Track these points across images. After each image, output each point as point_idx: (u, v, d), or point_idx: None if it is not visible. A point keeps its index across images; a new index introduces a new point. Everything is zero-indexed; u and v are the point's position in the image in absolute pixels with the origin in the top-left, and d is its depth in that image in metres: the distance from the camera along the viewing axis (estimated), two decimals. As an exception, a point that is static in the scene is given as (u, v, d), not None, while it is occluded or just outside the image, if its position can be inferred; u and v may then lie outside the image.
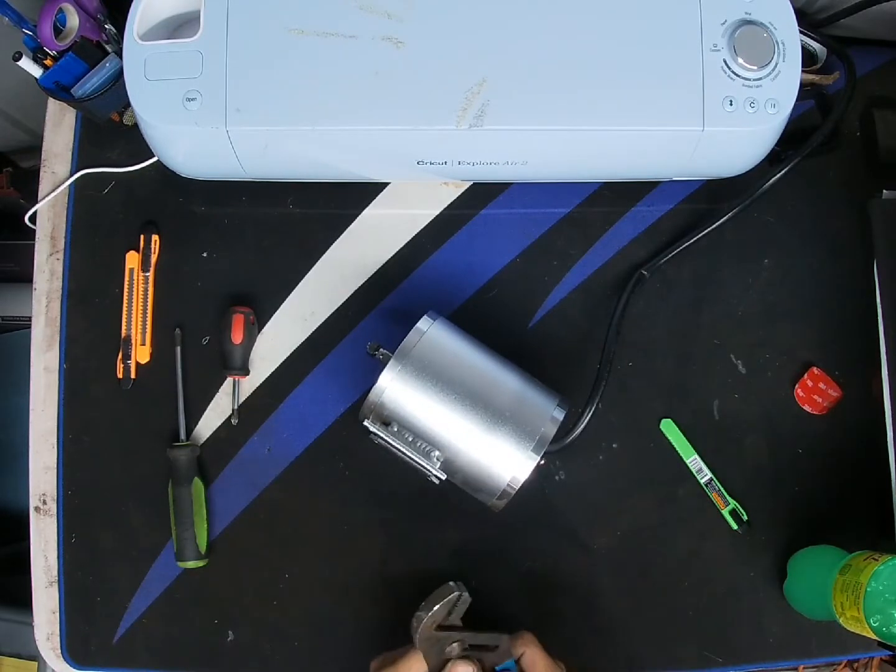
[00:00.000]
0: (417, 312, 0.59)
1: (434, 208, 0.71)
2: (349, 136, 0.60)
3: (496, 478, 0.56)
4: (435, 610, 0.54)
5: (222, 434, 0.67)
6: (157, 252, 0.69)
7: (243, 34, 0.59)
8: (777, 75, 0.60)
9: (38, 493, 0.67)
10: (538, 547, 0.66)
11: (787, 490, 0.67)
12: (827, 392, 0.68)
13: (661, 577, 0.66)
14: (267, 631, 0.65)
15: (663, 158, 0.64)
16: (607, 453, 0.67)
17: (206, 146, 0.61)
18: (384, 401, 0.56)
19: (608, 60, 0.59)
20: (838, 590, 0.57)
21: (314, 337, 0.69)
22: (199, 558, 0.64)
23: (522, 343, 0.68)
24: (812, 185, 0.71)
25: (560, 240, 0.70)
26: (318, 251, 0.70)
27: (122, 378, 0.67)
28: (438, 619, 0.54)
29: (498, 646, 0.55)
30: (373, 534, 0.66)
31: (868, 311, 0.68)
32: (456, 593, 0.54)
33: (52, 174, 0.71)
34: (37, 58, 0.63)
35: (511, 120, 0.59)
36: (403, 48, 0.59)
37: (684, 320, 0.69)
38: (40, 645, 0.66)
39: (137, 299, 0.68)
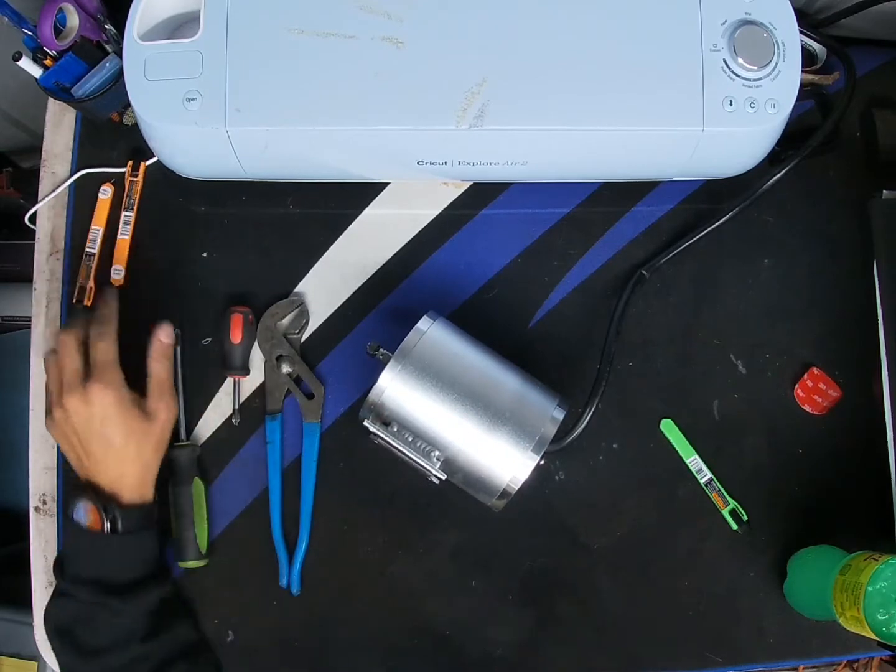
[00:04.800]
0: (417, 312, 0.59)
1: (434, 208, 0.71)
2: (349, 136, 0.60)
3: (496, 478, 0.56)
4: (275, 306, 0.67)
5: (222, 434, 0.67)
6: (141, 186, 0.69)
7: (243, 34, 0.59)
8: (777, 75, 0.60)
9: (38, 493, 0.67)
10: (538, 547, 0.66)
11: (787, 490, 0.67)
12: (827, 392, 0.68)
13: (661, 577, 0.66)
14: (267, 631, 0.65)
15: (663, 158, 0.64)
16: (607, 453, 0.67)
17: (206, 146, 0.61)
18: (384, 401, 0.56)
19: (608, 60, 0.59)
20: (838, 590, 0.57)
21: (314, 337, 0.69)
22: (199, 558, 0.64)
23: (522, 343, 0.68)
24: (812, 185, 0.71)
25: (560, 240, 0.70)
26: (318, 251, 0.70)
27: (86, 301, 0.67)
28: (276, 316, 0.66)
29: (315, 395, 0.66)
30: (373, 534, 0.66)
31: (868, 311, 0.68)
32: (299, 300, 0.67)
33: (52, 174, 0.71)
34: (37, 58, 0.63)
35: (511, 120, 0.59)
36: (403, 48, 0.59)
37: (684, 320, 0.69)
38: (40, 645, 0.66)
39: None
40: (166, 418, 0.60)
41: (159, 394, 0.60)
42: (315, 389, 0.67)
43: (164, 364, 0.61)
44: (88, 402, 0.56)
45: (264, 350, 0.67)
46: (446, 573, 0.66)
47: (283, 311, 0.67)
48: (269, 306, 0.68)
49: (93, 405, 0.56)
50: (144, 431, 0.58)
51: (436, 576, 0.66)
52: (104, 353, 0.58)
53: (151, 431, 0.59)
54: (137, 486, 0.58)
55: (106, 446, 0.57)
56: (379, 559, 0.66)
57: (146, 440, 0.59)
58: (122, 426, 0.57)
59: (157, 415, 0.59)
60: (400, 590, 0.65)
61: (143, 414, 0.59)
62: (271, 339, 0.67)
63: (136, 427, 0.58)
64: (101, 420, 0.56)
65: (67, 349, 0.58)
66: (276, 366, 0.66)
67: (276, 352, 0.67)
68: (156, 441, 0.59)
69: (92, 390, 0.56)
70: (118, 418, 0.57)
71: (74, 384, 0.57)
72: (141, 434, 0.58)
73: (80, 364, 0.58)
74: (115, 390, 0.57)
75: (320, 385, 0.67)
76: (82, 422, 0.56)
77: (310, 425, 0.66)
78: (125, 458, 0.57)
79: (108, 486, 0.58)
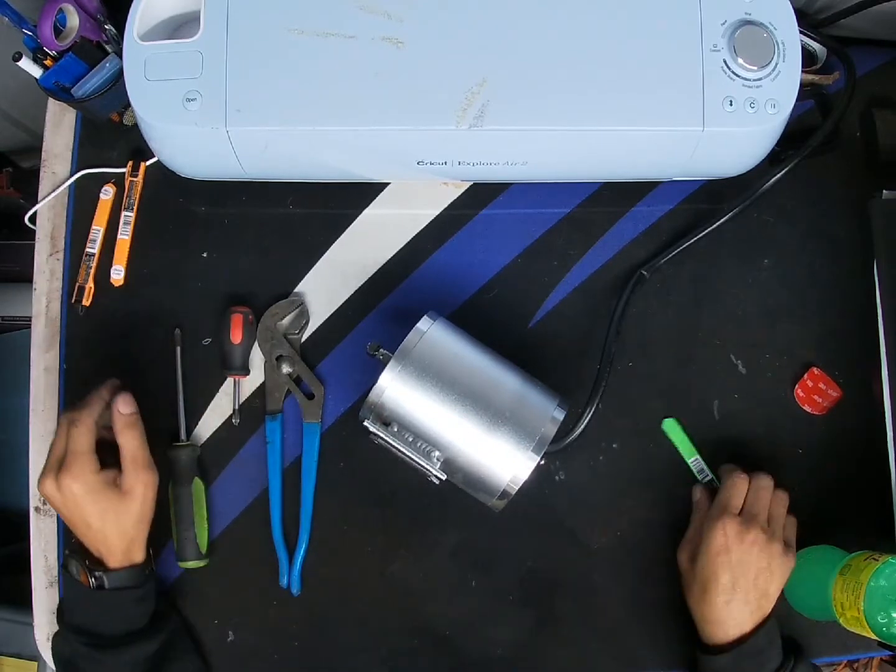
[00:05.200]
0: (417, 312, 0.59)
1: (434, 208, 0.71)
2: (349, 136, 0.60)
3: (496, 478, 0.56)
4: (275, 306, 0.67)
5: (222, 434, 0.67)
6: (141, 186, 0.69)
7: (243, 34, 0.59)
8: (777, 75, 0.60)
9: (38, 494, 0.67)
10: (538, 547, 0.66)
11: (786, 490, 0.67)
12: (827, 392, 0.68)
13: (661, 577, 0.66)
14: (267, 631, 0.65)
15: (663, 158, 0.64)
16: (607, 453, 0.67)
17: (206, 146, 0.61)
18: (384, 401, 0.56)
19: (608, 60, 0.59)
20: (838, 590, 0.57)
21: (314, 337, 0.69)
22: (199, 558, 0.64)
23: (522, 343, 0.68)
24: (812, 185, 0.71)
25: (560, 240, 0.70)
26: (318, 251, 0.70)
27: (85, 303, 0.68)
28: (277, 316, 0.66)
29: (315, 395, 0.66)
30: (373, 534, 0.66)
31: (868, 311, 0.68)
32: (299, 300, 0.67)
33: (52, 174, 0.71)
34: (37, 58, 0.63)
35: (511, 120, 0.59)
36: (403, 48, 0.59)
37: (684, 320, 0.69)
38: (40, 645, 0.66)
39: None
40: (143, 493, 0.59)
41: (133, 469, 0.59)
42: (315, 389, 0.67)
43: (131, 435, 0.60)
44: (61, 490, 0.57)
45: (264, 350, 0.67)
46: (446, 573, 0.66)
47: (283, 311, 0.67)
48: (269, 306, 0.68)
49: (64, 494, 0.57)
50: (121, 510, 0.58)
51: (436, 576, 0.66)
52: (74, 443, 0.58)
53: (129, 509, 0.59)
54: (122, 553, 0.59)
55: (85, 526, 0.58)
56: (379, 559, 0.66)
57: (125, 517, 0.58)
58: (97, 509, 0.58)
59: (133, 491, 0.59)
60: (400, 590, 0.65)
61: (118, 494, 0.58)
62: (271, 339, 0.67)
63: (112, 507, 0.58)
64: (74, 506, 0.57)
65: (58, 432, 0.59)
66: (276, 366, 0.66)
67: (276, 352, 0.67)
68: (136, 515, 0.59)
69: (61, 481, 0.57)
70: (90, 505, 0.57)
71: (50, 470, 0.58)
72: (118, 513, 0.58)
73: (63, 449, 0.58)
74: (82, 482, 0.57)
75: (320, 385, 0.67)
76: (58, 505, 0.58)
77: (310, 425, 0.66)
78: (106, 534, 0.58)
79: (94, 551, 0.59)
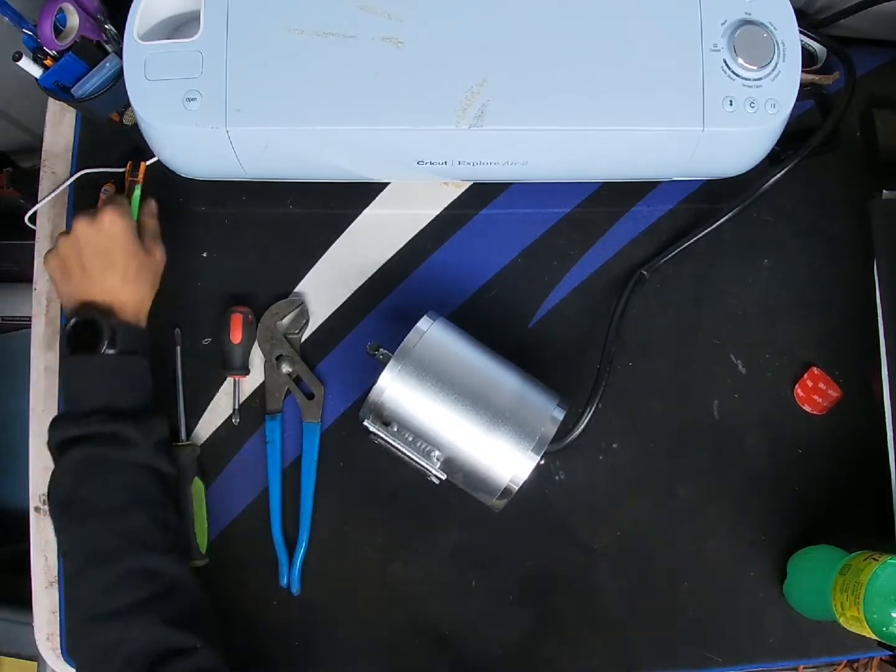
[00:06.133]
0: (417, 312, 0.59)
1: (434, 208, 0.71)
2: (349, 136, 0.60)
3: (496, 477, 0.56)
4: (275, 305, 0.67)
5: (222, 434, 0.67)
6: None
7: (243, 34, 0.59)
8: (777, 75, 0.60)
9: (38, 493, 0.67)
10: (538, 547, 0.66)
11: (787, 490, 0.67)
12: (827, 392, 0.68)
13: (661, 577, 0.66)
14: (267, 631, 0.65)
15: (663, 158, 0.64)
16: (607, 453, 0.67)
17: (206, 146, 0.61)
18: (384, 401, 0.56)
19: (608, 60, 0.59)
20: (838, 590, 0.57)
21: (314, 337, 0.69)
22: (199, 558, 0.64)
23: (522, 343, 0.68)
24: (812, 185, 0.71)
25: (560, 240, 0.70)
26: (318, 251, 0.70)
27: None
28: (277, 316, 0.67)
29: (315, 395, 0.66)
30: (373, 534, 0.66)
31: (868, 311, 0.68)
32: (299, 300, 0.67)
33: (52, 174, 0.71)
34: (37, 58, 0.63)
35: (511, 120, 0.59)
36: (403, 48, 0.59)
37: (684, 320, 0.69)
38: (40, 645, 0.66)
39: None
40: (161, 259, 0.64)
41: (154, 239, 0.64)
42: (315, 389, 0.67)
43: (155, 221, 0.66)
44: (98, 225, 0.59)
45: (264, 350, 0.67)
46: (446, 573, 0.66)
47: (283, 311, 0.67)
48: (269, 306, 0.68)
49: (102, 228, 0.59)
50: (145, 262, 0.62)
51: (436, 576, 0.66)
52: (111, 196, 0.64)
53: (151, 262, 0.62)
54: (134, 307, 0.60)
55: (108, 265, 0.59)
56: (379, 559, 0.66)
57: (146, 268, 0.62)
58: (126, 251, 0.60)
59: (154, 253, 0.63)
60: (400, 590, 0.65)
61: (144, 249, 0.62)
62: (271, 338, 0.67)
63: (139, 255, 0.61)
64: (108, 240, 0.59)
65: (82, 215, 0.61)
66: (276, 366, 0.66)
67: (276, 352, 0.67)
68: (153, 273, 0.63)
69: (104, 215, 0.59)
70: (124, 243, 0.60)
71: (86, 214, 0.60)
72: (142, 262, 0.61)
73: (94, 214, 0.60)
74: (124, 219, 0.60)
75: (320, 385, 0.67)
76: (88, 241, 0.59)
77: (310, 425, 0.66)
78: (125, 278, 0.60)
79: (106, 301, 0.59)
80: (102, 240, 0.59)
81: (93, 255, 0.59)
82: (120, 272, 0.59)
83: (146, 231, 0.64)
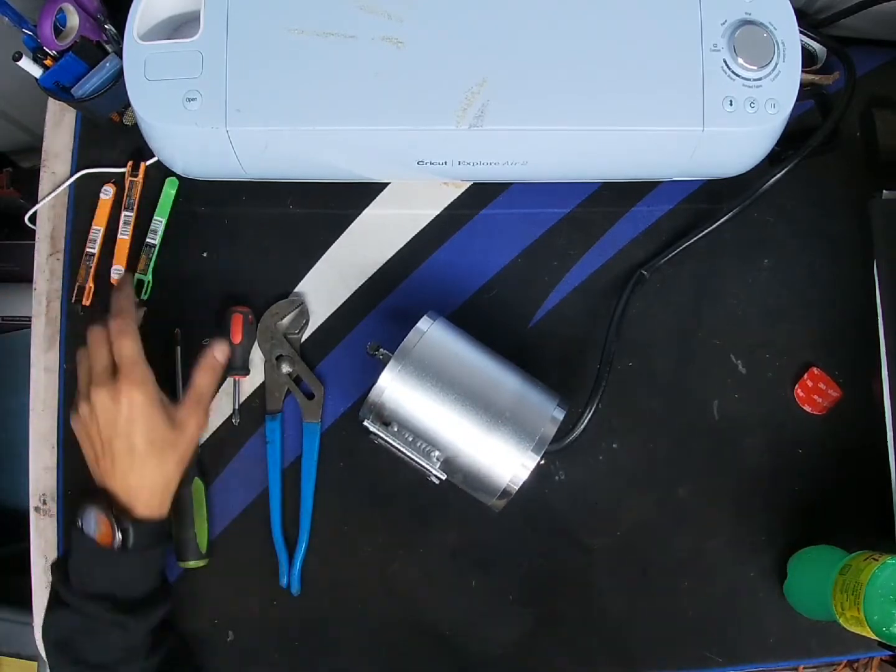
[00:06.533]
0: (417, 312, 0.59)
1: (434, 208, 0.71)
2: (349, 136, 0.60)
3: (496, 478, 0.56)
4: (275, 305, 0.67)
5: (222, 434, 0.67)
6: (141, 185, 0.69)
7: (243, 34, 0.59)
8: (777, 75, 0.60)
9: (38, 493, 0.67)
10: (538, 547, 0.66)
11: (787, 490, 0.67)
12: (827, 392, 0.68)
13: (661, 577, 0.66)
14: (267, 631, 0.65)
15: (663, 158, 0.64)
16: (607, 453, 0.67)
17: (206, 146, 0.61)
18: (384, 401, 0.56)
19: (608, 60, 0.59)
20: (838, 590, 0.57)
21: (314, 337, 0.69)
22: (199, 558, 0.64)
23: (522, 343, 0.68)
24: (812, 185, 0.71)
25: (560, 240, 0.70)
26: (318, 251, 0.70)
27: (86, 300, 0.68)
28: (277, 316, 0.67)
29: (315, 395, 0.66)
30: (373, 534, 0.66)
31: (868, 311, 0.68)
32: (299, 300, 0.67)
33: (52, 174, 0.71)
34: (37, 58, 0.63)
35: (511, 120, 0.59)
36: (403, 48, 0.59)
37: (684, 320, 0.69)
38: (40, 645, 0.66)
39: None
40: (195, 433, 0.57)
41: (195, 405, 0.57)
42: (315, 389, 0.67)
43: (209, 378, 0.59)
44: (116, 399, 0.53)
45: (264, 350, 0.67)
46: (446, 573, 0.66)
47: (283, 311, 0.67)
48: (270, 306, 0.68)
49: (120, 403, 0.53)
50: (170, 441, 0.56)
51: (436, 576, 0.66)
52: (129, 349, 0.55)
53: (177, 443, 0.56)
54: (153, 500, 0.56)
55: (128, 450, 0.54)
56: (379, 559, 0.66)
57: (170, 451, 0.56)
58: (148, 431, 0.54)
59: (186, 426, 0.56)
60: (400, 590, 0.65)
61: (171, 422, 0.56)
62: (271, 339, 0.67)
63: (163, 435, 0.55)
64: (127, 420, 0.54)
65: (98, 344, 0.56)
66: (276, 366, 0.66)
67: (276, 352, 0.67)
68: (180, 454, 0.56)
69: (121, 387, 0.53)
70: (145, 421, 0.54)
71: (103, 379, 0.54)
72: (166, 443, 0.55)
73: (109, 360, 0.55)
74: (144, 389, 0.54)
75: (320, 385, 0.67)
76: (108, 419, 0.54)
77: (310, 425, 0.66)
78: (145, 466, 0.55)
79: (124, 495, 0.55)
80: (122, 421, 0.53)
81: (112, 437, 0.54)
82: (140, 458, 0.54)
83: (191, 391, 0.58)
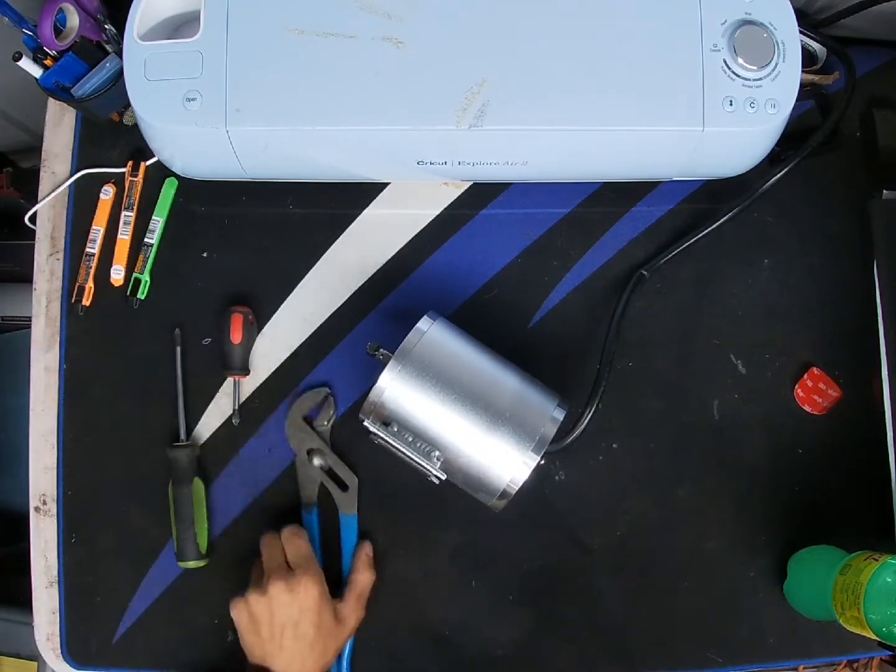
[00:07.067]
0: (417, 312, 0.59)
1: (434, 208, 0.71)
2: (349, 136, 0.60)
3: (496, 478, 0.56)
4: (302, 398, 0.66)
5: (222, 434, 0.67)
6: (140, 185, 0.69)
7: (243, 34, 0.59)
8: (777, 75, 0.60)
9: (38, 493, 0.67)
10: (538, 547, 0.66)
11: (787, 490, 0.67)
12: (827, 392, 0.68)
13: (661, 577, 0.66)
14: (267, 631, 0.65)
15: (663, 158, 0.64)
16: (607, 453, 0.67)
17: (206, 146, 0.61)
18: (384, 401, 0.56)
19: (608, 60, 0.59)
20: (838, 590, 0.57)
21: (314, 337, 0.69)
22: (199, 558, 0.64)
23: (522, 343, 0.68)
24: (812, 185, 0.71)
25: (560, 240, 0.70)
26: (318, 251, 0.70)
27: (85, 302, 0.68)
28: (304, 409, 0.66)
29: (349, 487, 0.65)
30: (373, 534, 0.66)
31: (868, 311, 0.68)
32: (325, 391, 0.66)
33: (52, 174, 0.71)
34: (37, 58, 0.63)
35: (511, 120, 0.59)
36: (403, 48, 0.59)
37: (684, 320, 0.69)
38: (40, 645, 0.66)
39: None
40: (355, 627, 0.62)
41: (357, 603, 0.62)
42: (349, 481, 0.66)
43: (369, 575, 0.64)
44: (294, 590, 0.58)
45: (294, 444, 0.66)
46: (446, 573, 0.66)
47: (310, 402, 0.67)
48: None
49: (297, 594, 0.58)
50: (334, 634, 0.60)
51: (436, 576, 0.66)
52: (305, 549, 0.61)
53: (340, 635, 0.60)
54: None
55: (297, 637, 0.58)
56: (379, 559, 0.66)
57: (332, 642, 0.60)
58: (318, 622, 0.58)
59: (348, 621, 0.61)
60: (400, 590, 0.65)
61: (336, 615, 0.60)
62: (301, 432, 0.66)
63: (329, 627, 0.59)
64: (301, 610, 0.58)
65: (272, 546, 0.61)
66: (308, 459, 0.66)
67: (306, 445, 0.66)
68: (339, 645, 0.61)
69: (300, 580, 0.58)
70: (317, 612, 0.58)
71: (281, 573, 0.59)
72: (330, 635, 0.59)
73: (283, 559, 0.60)
74: (320, 585, 0.59)
75: (353, 476, 0.66)
76: (282, 608, 0.57)
77: (347, 517, 0.65)
78: (312, 652, 0.58)
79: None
80: (296, 611, 0.58)
81: (283, 624, 0.58)
82: (307, 644, 0.58)
83: (353, 589, 0.63)
